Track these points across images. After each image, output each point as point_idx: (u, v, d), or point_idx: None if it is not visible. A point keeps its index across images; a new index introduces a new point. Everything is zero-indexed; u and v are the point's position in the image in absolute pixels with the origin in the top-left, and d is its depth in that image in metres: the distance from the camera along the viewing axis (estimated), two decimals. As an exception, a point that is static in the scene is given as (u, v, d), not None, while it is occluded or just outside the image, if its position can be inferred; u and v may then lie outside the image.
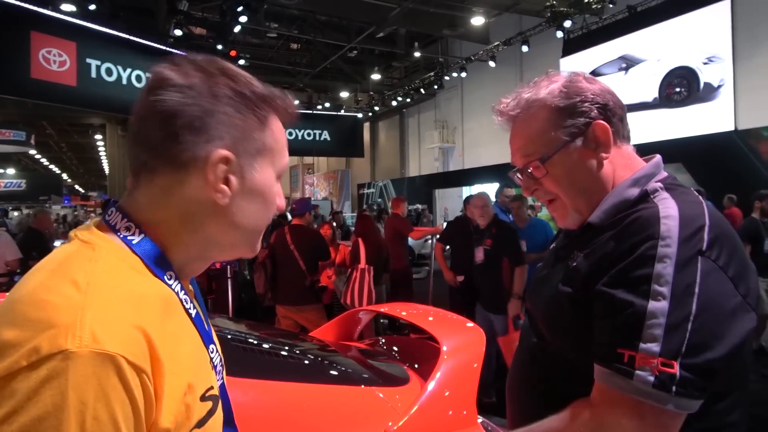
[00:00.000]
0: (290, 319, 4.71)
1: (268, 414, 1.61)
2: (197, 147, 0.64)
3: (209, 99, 0.65)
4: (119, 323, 0.54)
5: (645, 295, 0.85)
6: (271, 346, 2.29)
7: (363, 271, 5.09)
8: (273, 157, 0.71)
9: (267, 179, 0.71)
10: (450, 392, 1.84)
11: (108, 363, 0.51)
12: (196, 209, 0.67)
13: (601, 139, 1.01)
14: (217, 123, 0.65)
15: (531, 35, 14.88)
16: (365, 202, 25.94)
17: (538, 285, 1.16)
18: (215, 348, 0.73)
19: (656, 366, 0.81)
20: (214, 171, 0.65)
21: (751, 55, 11.63)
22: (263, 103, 0.69)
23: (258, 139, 0.69)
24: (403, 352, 2.51)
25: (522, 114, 1.06)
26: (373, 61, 21.59)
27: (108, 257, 0.61)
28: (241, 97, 0.67)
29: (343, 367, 2.18)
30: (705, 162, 11.71)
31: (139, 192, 0.67)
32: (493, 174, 18.79)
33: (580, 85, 1.03)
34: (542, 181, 1.04)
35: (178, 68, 0.66)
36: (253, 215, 0.70)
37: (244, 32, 17.47)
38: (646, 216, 0.93)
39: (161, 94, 0.64)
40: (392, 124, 26.55)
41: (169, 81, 0.64)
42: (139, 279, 0.61)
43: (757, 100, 11.50)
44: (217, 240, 0.70)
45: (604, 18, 13.73)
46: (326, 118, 23.71)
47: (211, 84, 0.65)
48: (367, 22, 15.83)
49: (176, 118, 0.63)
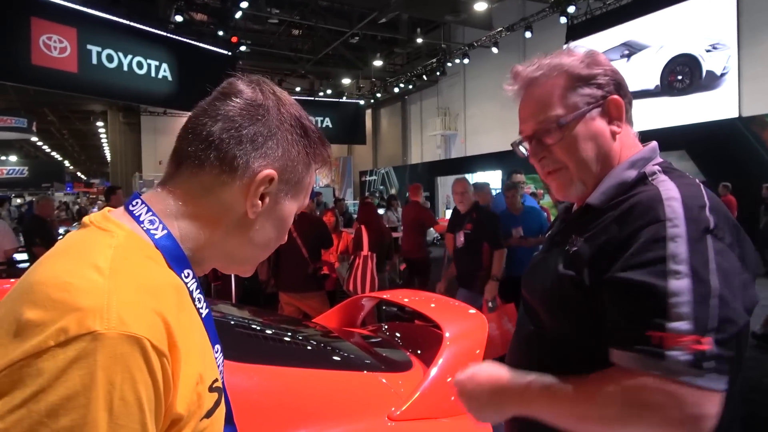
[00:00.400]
0: (293, 306, 4.73)
1: (273, 399, 1.62)
2: (253, 158, 0.69)
3: (277, 122, 0.71)
4: (143, 308, 0.56)
5: (663, 275, 0.84)
6: (275, 332, 2.31)
7: (366, 258, 5.10)
8: (300, 193, 0.77)
9: (290, 211, 0.76)
10: (453, 377, 1.85)
11: (135, 345, 0.53)
12: (226, 215, 0.70)
13: (615, 114, 1.03)
14: (276, 145, 0.71)
15: (534, 21, 14.75)
16: (367, 189, 25.92)
17: (534, 271, 1.15)
18: (220, 349, 0.75)
19: (688, 344, 0.80)
20: (257, 184, 0.69)
21: (756, 41, 11.52)
22: (318, 145, 0.76)
23: (300, 173, 0.74)
24: (406, 339, 2.53)
25: (542, 77, 1.05)
26: (375, 48, 21.45)
27: (127, 245, 0.63)
28: (303, 130, 0.74)
29: (346, 353, 2.20)
30: (708, 149, 11.64)
31: (177, 182, 0.70)
32: (496, 161, 18.74)
33: (600, 59, 1.05)
34: (553, 148, 1.04)
35: (257, 86, 0.72)
36: (268, 238, 0.75)
37: (245, 18, 17.35)
38: (648, 198, 0.93)
39: (237, 103, 0.69)
40: (394, 111, 26.44)
41: (246, 94, 0.70)
42: (154, 268, 0.63)
43: (762, 86, 11.40)
44: (231, 251, 0.74)
45: (608, 3, 13.60)
46: (328, 105, 23.62)
47: (281, 109, 0.72)
48: (369, 8, 15.70)
49: (245, 127, 0.69)
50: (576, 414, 0.88)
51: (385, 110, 27.26)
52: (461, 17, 16.25)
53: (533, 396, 0.93)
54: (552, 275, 1.02)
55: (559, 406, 0.90)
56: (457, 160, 21.52)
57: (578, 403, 0.87)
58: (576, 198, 1.08)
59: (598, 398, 0.85)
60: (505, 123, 18.89)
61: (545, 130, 1.03)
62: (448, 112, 22.17)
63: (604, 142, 1.03)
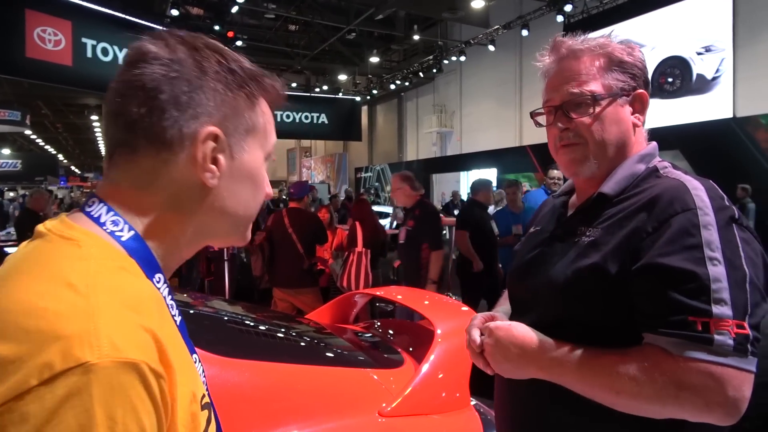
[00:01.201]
0: (287, 302, 4.74)
1: (265, 394, 1.63)
2: (184, 123, 0.60)
3: (196, 73, 0.61)
4: (132, 327, 0.50)
5: (702, 262, 0.86)
6: (268, 328, 2.31)
7: (360, 254, 5.11)
8: (262, 138, 0.68)
9: (256, 161, 0.67)
10: (444, 375, 1.86)
11: (132, 372, 0.47)
12: (184, 193, 0.62)
13: (639, 108, 1.07)
14: (205, 98, 0.61)
15: (531, 19, 14.76)
16: (363, 185, 25.91)
17: (533, 266, 1.13)
18: (197, 357, 0.68)
19: (732, 329, 0.83)
20: (202, 149, 0.61)
21: (751, 42, 11.56)
22: (253, 81, 0.66)
23: (248, 117, 0.65)
24: (398, 335, 2.54)
25: (587, 51, 1.06)
26: (372, 44, 21.41)
27: (98, 255, 0.55)
28: (231, 72, 0.63)
29: (338, 349, 2.20)
30: (703, 149, 11.70)
31: (119, 176, 0.62)
32: (491, 159, 18.76)
33: (638, 53, 1.09)
34: (578, 121, 1.04)
35: (162, 41, 0.62)
36: (243, 200, 0.67)
37: (241, 13, 17.30)
38: (675, 188, 0.96)
39: (144, 68, 0.59)
40: (390, 108, 26.42)
41: (152, 54, 0.60)
42: (132, 280, 0.56)
43: (757, 87, 11.45)
44: (208, 228, 0.66)
45: (605, 2, 13.61)
46: (324, 101, 23.57)
47: (198, 58, 0.62)
48: (366, 4, 15.67)
49: (161, 92, 0.59)
50: (610, 387, 0.88)
51: (381, 107, 27.24)
52: (458, 14, 16.24)
53: (567, 363, 0.92)
54: (565, 267, 1.02)
55: (593, 377, 0.90)
56: (452, 157, 21.54)
57: (615, 378, 0.87)
58: (584, 178, 1.09)
59: (638, 375, 0.86)
60: (500, 121, 18.90)
61: (577, 103, 1.04)
62: (444, 109, 22.17)
63: (626, 129, 1.06)
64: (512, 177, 15.30)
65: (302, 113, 23.54)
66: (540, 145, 16.32)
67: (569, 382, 0.92)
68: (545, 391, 0.98)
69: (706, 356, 0.83)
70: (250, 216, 0.69)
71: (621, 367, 0.87)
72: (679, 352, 0.84)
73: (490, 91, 19.50)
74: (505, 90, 18.67)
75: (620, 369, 0.87)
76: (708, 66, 12.06)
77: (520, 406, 1.10)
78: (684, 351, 0.84)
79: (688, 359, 0.84)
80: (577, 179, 1.13)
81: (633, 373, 0.86)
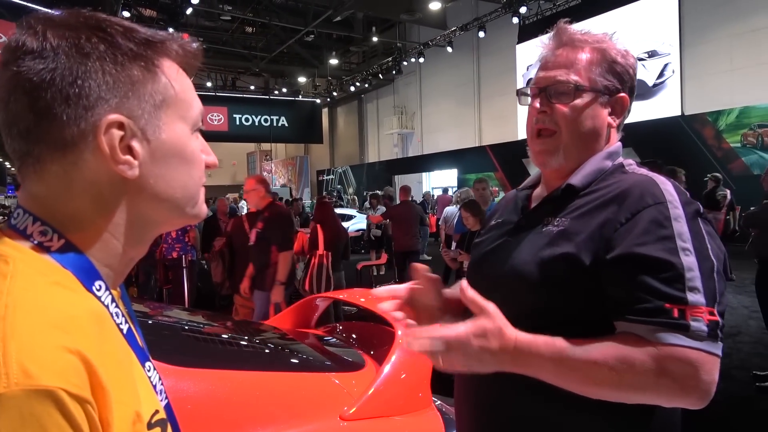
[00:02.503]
0: (248, 308, 4.67)
1: (225, 403, 1.60)
2: (79, 118, 0.53)
3: (78, 58, 0.53)
4: (51, 350, 0.45)
5: (675, 252, 0.89)
6: (228, 336, 2.27)
7: (321, 257, 5.08)
8: (179, 108, 0.60)
9: (179, 135, 0.60)
10: (405, 375, 1.87)
11: (46, 400, 0.43)
12: (106, 190, 0.56)
13: (618, 111, 1.10)
14: (95, 84, 0.54)
15: (487, 21, 15.02)
16: (325, 188, 25.81)
17: (493, 256, 1.13)
18: (151, 366, 0.63)
19: (705, 315, 0.86)
20: (107, 140, 0.54)
21: (697, 42, 12.07)
22: (148, 48, 0.57)
23: (153, 91, 0.58)
24: (360, 338, 2.54)
25: (584, 43, 1.09)
26: (331, 46, 21.38)
27: (26, 271, 0.51)
28: (117, 47, 0.55)
29: (300, 355, 2.18)
30: (654, 145, 12.16)
31: (34, 187, 0.56)
32: (452, 159, 18.97)
33: (633, 59, 1.12)
34: (556, 107, 1.07)
35: (32, 30, 0.54)
36: (177, 180, 0.60)
37: (196, 14, 16.99)
38: (644, 182, 0.99)
39: (19, 66, 0.52)
40: (351, 110, 26.43)
41: (25, 48, 0.53)
42: (65, 295, 0.51)
43: (703, 86, 11.97)
44: (146, 219, 0.60)
45: (558, 4, 13.96)
46: (284, 104, 23.41)
47: (75, 40, 0.54)
48: (324, 6, 15.63)
49: (43, 90, 0.52)
50: (591, 380, 0.88)
51: (342, 109, 27.21)
52: (416, 16, 16.39)
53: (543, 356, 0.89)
54: (532, 254, 1.03)
55: (571, 371, 0.89)
56: (414, 158, 21.70)
57: (595, 370, 0.87)
58: (551, 169, 1.11)
59: (617, 365, 0.86)
60: (460, 122, 19.16)
61: (560, 91, 1.07)
62: (404, 110, 22.33)
63: (599, 126, 1.08)
64: (473, 177, 15.53)
65: (261, 116, 23.30)
66: (499, 145, 16.64)
67: (546, 377, 0.91)
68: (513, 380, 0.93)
69: (684, 341, 0.86)
70: (192, 194, 0.63)
71: (599, 358, 0.87)
72: (657, 339, 0.87)
73: (449, 92, 19.74)
74: (463, 90, 18.94)
75: (599, 360, 0.87)
76: (649, 72, 12.52)
77: (485, 396, 1.08)
78: (662, 337, 0.86)
79: (667, 345, 0.86)
80: (545, 170, 1.15)
81: (612, 363, 0.86)
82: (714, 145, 11.49)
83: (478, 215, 4.46)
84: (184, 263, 5.84)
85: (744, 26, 11.39)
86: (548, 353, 0.89)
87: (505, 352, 0.87)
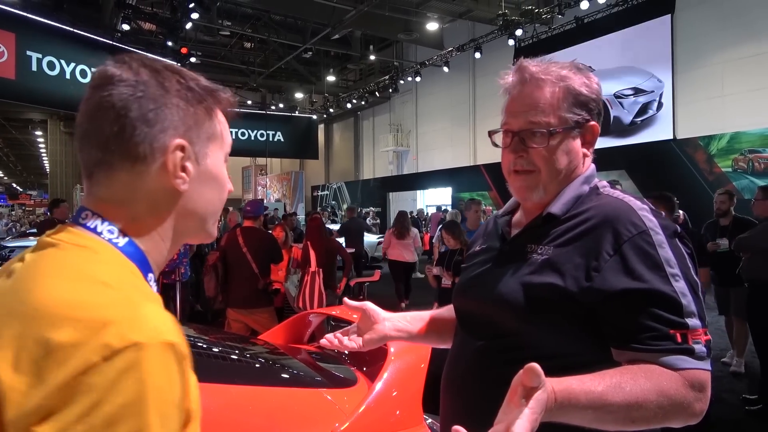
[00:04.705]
0: (241, 322, 4.65)
1: (217, 417, 1.60)
2: (153, 137, 0.67)
3: (160, 92, 0.68)
4: (165, 316, 0.59)
5: (667, 280, 0.94)
6: (220, 350, 2.27)
7: (314, 274, 5.07)
8: (221, 142, 0.77)
9: (218, 163, 0.76)
10: (397, 392, 1.87)
11: (170, 351, 0.56)
12: (160, 200, 0.70)
13: (589, 139, 1.13)
14: (170, 114, 0.68)
15: (483, 42, 15.20)
16: (319, 204, 25.81)
17: (479, 282, 1.16)
18: None
19: (702, 336, 0.92)
20: (172, 159, 0.68)
21: (690, 67, 12.25)
22: (209, 95, 0.74)
23: (208, 127, 0.74)
24: (352, 354, 2.53)
25: (548, 82, 1.08)
26: (328, 63, 21.55)
27: (113, 260, 0.64)
28: (189, 90, 0.71)
29: (292, 370, 2.18)
30: (646, 169, 12.30)
31: (102, 191, 0.68)
32: (447, 178, 19.05)
33: (596, 85, 1.13)
34: (532, 150, 1.08)
35: (125, 65, 0.68)
36: (210, 199, 0.75)
37: (195, 29, 17.12)
38: (622, 209, 1.01)
39: (112, 89, 0.66)
40: (347, 127, 26.54)
41: (117, 77, 0.67)
42: (142, 281, 0.65)
43: (695, 111, 12.13)
44: (183, 228, 0.74)
45: (553, 28, 14.17)
46: (280, 119, 23.47)
47: (159, 79, 0.69)
48: (323, 24, 15.78)
49: (130, 110, 0.65)
50: (629, 419, 0.87)
51: (338, 125, 27.33)
52: (413, 36, 16.58)
53: (584, 407, 0.85)
54: (516, 282, 1.05)
55: (611, 413, 0.86)
56: (408, 176, 21.76)
57: (634, 408, 0.86)
58: (533, 203, 1.13)
59: (659, 400, 0.87)
60: (455, 141, 19.27)
61: (533, 133, 1.08)
62: (400, 128, 22.44)
63: (575, 158, 1.11)
64: (467, 195, 15.59)
65: (258, 131, 23.33)
66: (493, 165, 16.71)
67: (583, 422, 0.87)
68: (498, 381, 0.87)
69: (693, 363, 0.90)
70: (217, 212, 0.78)
71: (640, 398, 0.86)
72: (664, 364, 0.90)
73: (445, 111, 19.89)
74: (459, 110, 19.08)
75: (639, 400, 0.86)
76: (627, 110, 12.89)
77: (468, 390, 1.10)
78: (669, 361, 0.90)
79: (683, 369, 0.90)
80: (525, 204, 1.18)
81: (654, 400, 0.87)
82: (705, 169, 11.61)
83: (459, 237, 5.00)
84: (177, 276, 5.82)
85: (736, 53, 11.58)
86: (587, 402, 0.85)
87: (547, 410, 0.80)
